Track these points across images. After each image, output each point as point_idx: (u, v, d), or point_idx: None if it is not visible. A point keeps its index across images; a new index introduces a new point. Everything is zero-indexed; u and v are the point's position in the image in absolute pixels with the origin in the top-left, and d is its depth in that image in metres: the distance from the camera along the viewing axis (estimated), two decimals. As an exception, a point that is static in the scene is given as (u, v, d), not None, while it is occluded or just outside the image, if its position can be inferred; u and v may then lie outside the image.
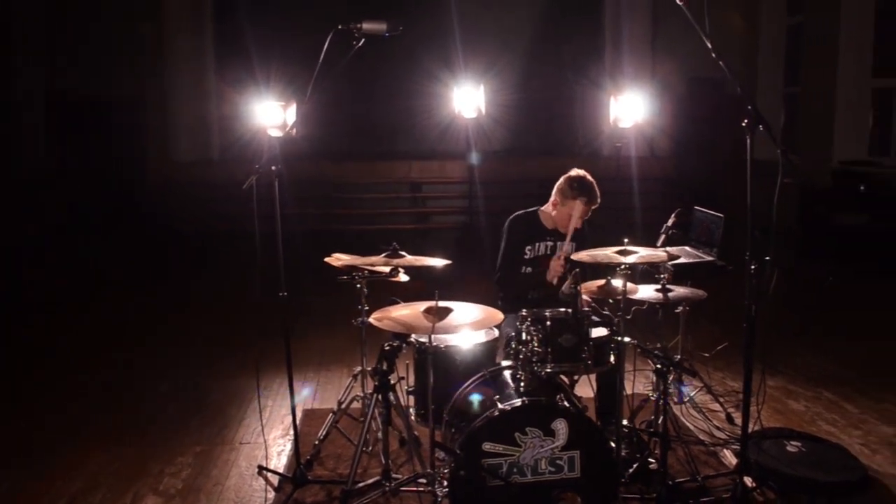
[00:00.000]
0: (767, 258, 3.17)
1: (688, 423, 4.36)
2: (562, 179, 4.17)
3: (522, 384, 3.26)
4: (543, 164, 11.25)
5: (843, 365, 5.46)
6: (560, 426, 3.02)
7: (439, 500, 3.13)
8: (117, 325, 6.95)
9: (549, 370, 3.30)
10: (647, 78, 12.70)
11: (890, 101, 10.19)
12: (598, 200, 4.13)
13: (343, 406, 4.19)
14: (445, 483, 3.09)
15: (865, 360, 5.57)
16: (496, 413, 3.04)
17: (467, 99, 9.70)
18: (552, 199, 4.21)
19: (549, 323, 3.29)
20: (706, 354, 5.27)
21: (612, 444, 3.27)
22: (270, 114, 6.17)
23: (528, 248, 4.22)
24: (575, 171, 4.18)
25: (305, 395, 4.07)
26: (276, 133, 6.02)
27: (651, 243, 4.28)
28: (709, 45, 3.14)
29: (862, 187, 9.14)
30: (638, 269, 4.13)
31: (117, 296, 8.08)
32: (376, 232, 11.18)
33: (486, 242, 5.20)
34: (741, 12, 12.56)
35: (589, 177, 4.14)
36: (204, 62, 13.35)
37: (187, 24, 12.97)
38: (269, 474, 3.80)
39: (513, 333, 3.44)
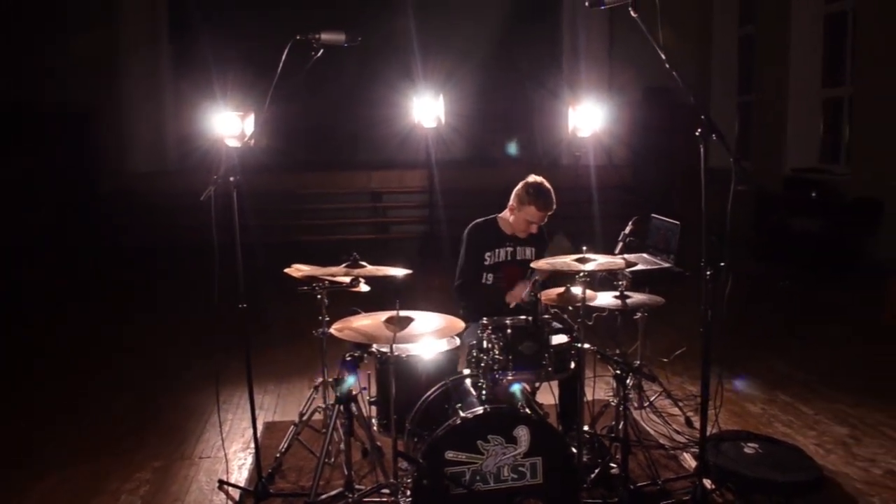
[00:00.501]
0: (723, 264, 3.23)
1: (648, 428, 4.40)
2: (520, 185, 4.22)
3: (484, 392, 3.27)
4: (503, 173, 11.34)
5: (798, 367, 5.57)
6: (522, 433, 3.03)
7: (402, 509, 3.12)
8: (71, 339, 6.81)
9: (510, 377, 3.32)
10: (605, 87, 12.87)
11: (839, 110, 10.46)
12: (554, 206, 4.17)
13: (304, 418, 4.16)
14: (409, 493, 3.07)
15: (818, 362, 5.69)
16: (458, 421, 3.05)
17: (427, 109, 9.75)
18: (510, 204, 4.25)
19: (509, 331, 3.31)
20: (665, 360, 5.35)
21: (574, 450, 3.30)
22: (228, 124, 6.13)
23: (488, 254, 4.24)
24: (532, 178, 4.22)
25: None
26: (234, 143, 5.98)
27: (609, 251, 4.34)
28: (662, 56, 3.19)
29: (814, 194, 9.39)
30: (597, 277, 4.17)
31: (71, 309, 7.92)
32: (336, 242, 11.14)
33: (446, 252, 5.21)
34: (693, 22, 12.82)
35: (546, 183, 4.18)
36: (160, 71, 13.19)
37: (143, 32, 12.81)
38: (230, 489, 3.75)
39: (474, 342, 3.45)
